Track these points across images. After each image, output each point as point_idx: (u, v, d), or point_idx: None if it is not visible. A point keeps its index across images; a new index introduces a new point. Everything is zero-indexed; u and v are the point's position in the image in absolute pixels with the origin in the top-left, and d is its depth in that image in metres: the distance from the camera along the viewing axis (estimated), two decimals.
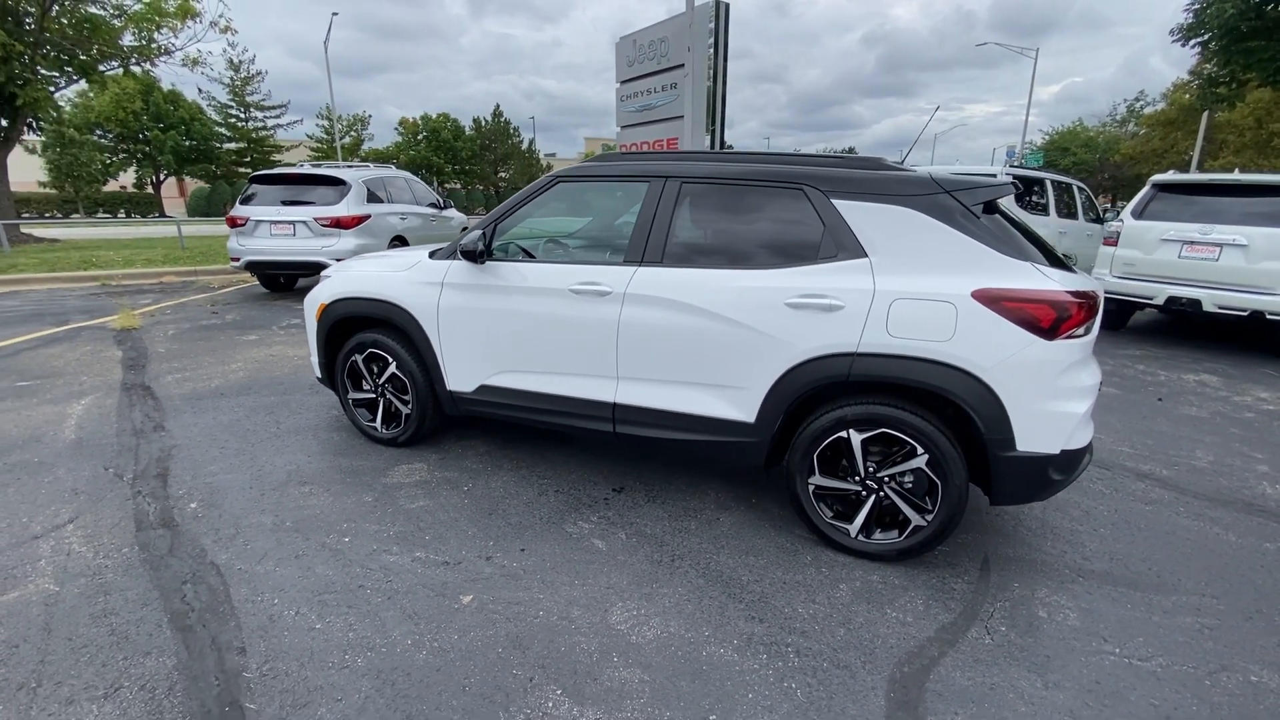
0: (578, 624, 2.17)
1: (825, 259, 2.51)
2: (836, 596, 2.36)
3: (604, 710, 1.80)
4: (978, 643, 2.12)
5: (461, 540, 2.67)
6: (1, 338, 6.06)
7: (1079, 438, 2.34)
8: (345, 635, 2.09)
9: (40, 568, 2.42)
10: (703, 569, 2.51)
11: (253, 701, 1.82)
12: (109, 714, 1.76)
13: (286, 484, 3.14)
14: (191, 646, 2.03)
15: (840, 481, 2.59)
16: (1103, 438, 4.02)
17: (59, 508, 2.87)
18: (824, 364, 2.46)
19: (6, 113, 11.77)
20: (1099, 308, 2.38)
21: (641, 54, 14.05)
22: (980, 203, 2.39)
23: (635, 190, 2.91)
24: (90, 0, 12.54)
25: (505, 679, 1.91)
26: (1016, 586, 2.45)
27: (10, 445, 3.54)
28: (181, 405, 4.25)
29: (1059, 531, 2.88)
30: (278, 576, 2.40)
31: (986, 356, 2.26)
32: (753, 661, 2.01)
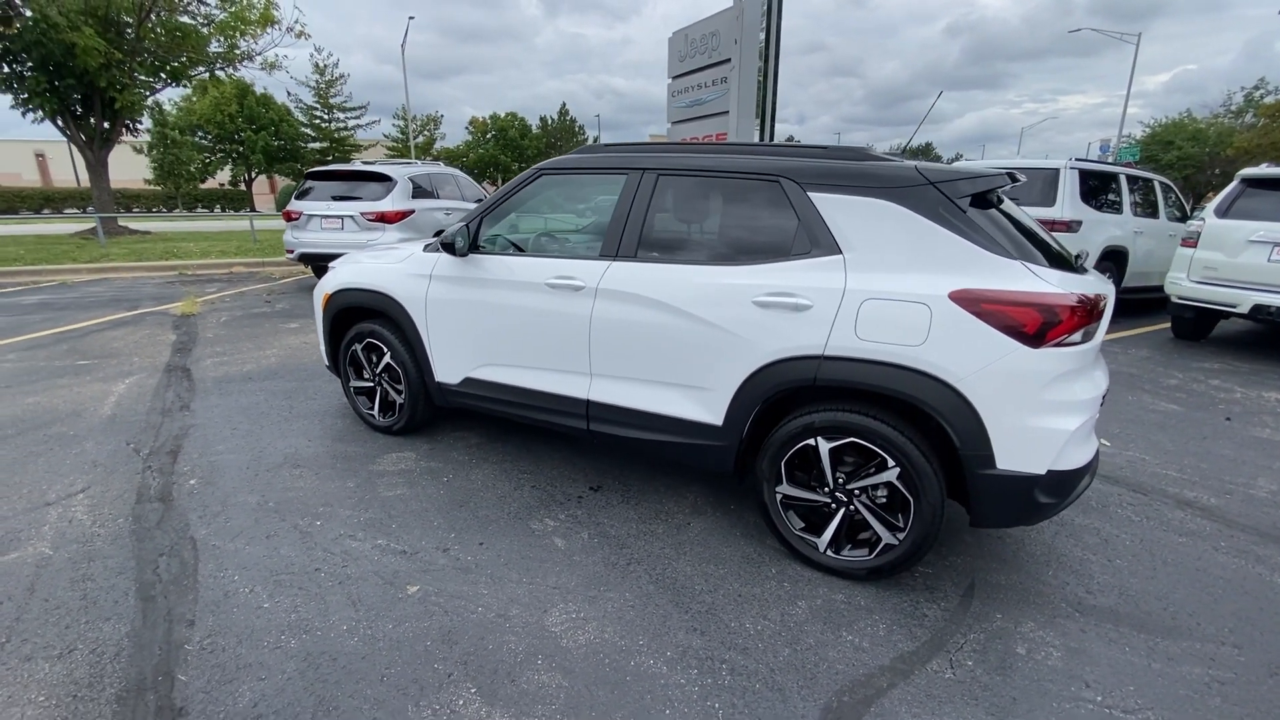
0: (513, 623, 2.13)
1: (798, 255, 2.36)
2: (791, 614, 2.22)
3: (512, 714, 1.76)
4: (937, 676, 1.94)
5: (425, 530, 2.69)
6: (78, 320, 6.65)
7: (1072, 457, 2.10)
8: (288, 616, 2.14)
9: (42, 532, 2.61)
10: (657, 575, 2.42)
11: (185, 673, 1.88)
12: (57, 674, 1.87)
13: (281, 466, 3.27)
14: (148, 616, 2.13)
15: (809, 492, 2.44)
16: (1146, 458, 3.63)
17: (76, 478, 3.10)
18: (790, 366, 2.32)
19: (107, 115, 12.98)
20: (1100, 313, 2.12)
21: (693, 48, 13.85)
22: (967, 195, 2.18)
23: (617, 182, 2.85)
24: (182, 10, 13.61)
25: (425, 673, 1.90)
26: (999, 617, 2.24)
27: (54, 418, 3.86)
28: (211, 387, 4.52)
29: (1066, 559, 2.61)
30: (245, 554, 2.49)
31: (962, 364, 2.06)
32: (681, 676, 1.92)
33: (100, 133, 13.18)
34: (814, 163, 2.40)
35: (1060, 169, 7.02)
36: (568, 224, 3.35)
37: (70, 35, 10.93)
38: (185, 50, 13.49)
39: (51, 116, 12.43)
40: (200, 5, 14.01)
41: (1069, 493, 2.15)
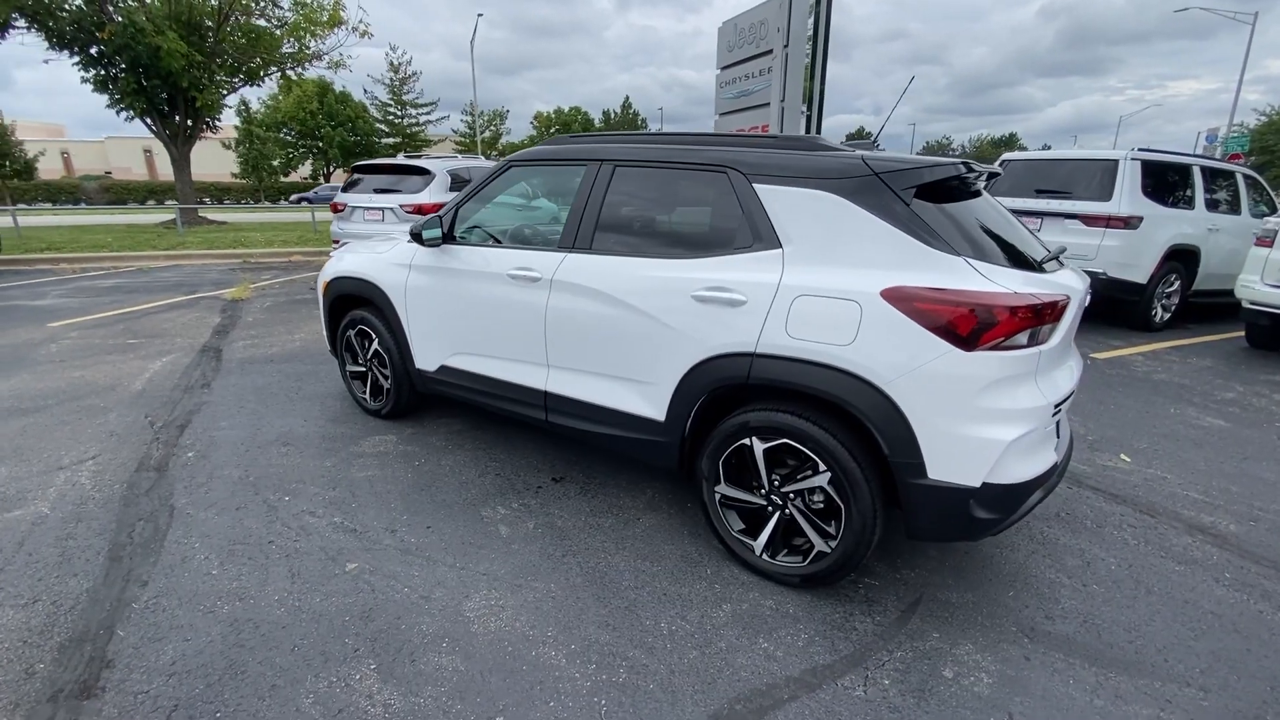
0: (432, 605, 2.18)
1: (740, 249, 2.29)
2: (712, 617, 2.16)
3: (400, 692, 1.80)
4: (845, 693, 1.85)
5: (380, 511, 2.79)
6: (141, 302, 7.24)
7: (1014, 470, 1.94)
8: (230, 584, 2.27)
9: (47, 494, 2.87)
10: (589, 568, 2.42)
11: (124, 629, 2.03)
12: (17, 621, 2.06)
13: (272, 444, 3.46)
14: (110, 575, 2.31)
15: (747, 493, 2.37)
16: (1169, 477, 3.32)
17: (91, 446, 3.39)
18: (725, 363, 2.26)
19: (189, 114, 14.04)
20: (1053, 316, 1.94)
21: (741, 38, 13.57)
22: (913, 186, 2.04)
23: (578, 174, 2.84)
24: (258, 14, 14.53)
25: (334, 646, 1.98)
26: (935, 636, 2.10)
27: (90, 391, 4.23)
28: (234, 368, 4.83)
29: (1034, 581, 2.42)
30: (212, 524, 2.66)
31: (890, 365, 1.94)
32: (577, 670, 1.91)
33: (183, 130, 14.30)
34: (761, 154, 2.31)
35: (1119, 160, 6.47)
36: (537, 215, 3.36)
37: (155, 39, 11.90)
38: (259, 52, 14.42)
39: (141, 115, 13.59)
40: (274, 8, 14.91)
41: (1013, 508, 1.99)
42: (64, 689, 1.79)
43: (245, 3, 14.10)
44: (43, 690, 1.78)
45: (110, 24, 11.80)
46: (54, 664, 1.88)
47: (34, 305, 6.95)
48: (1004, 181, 7.48)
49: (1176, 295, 6.94)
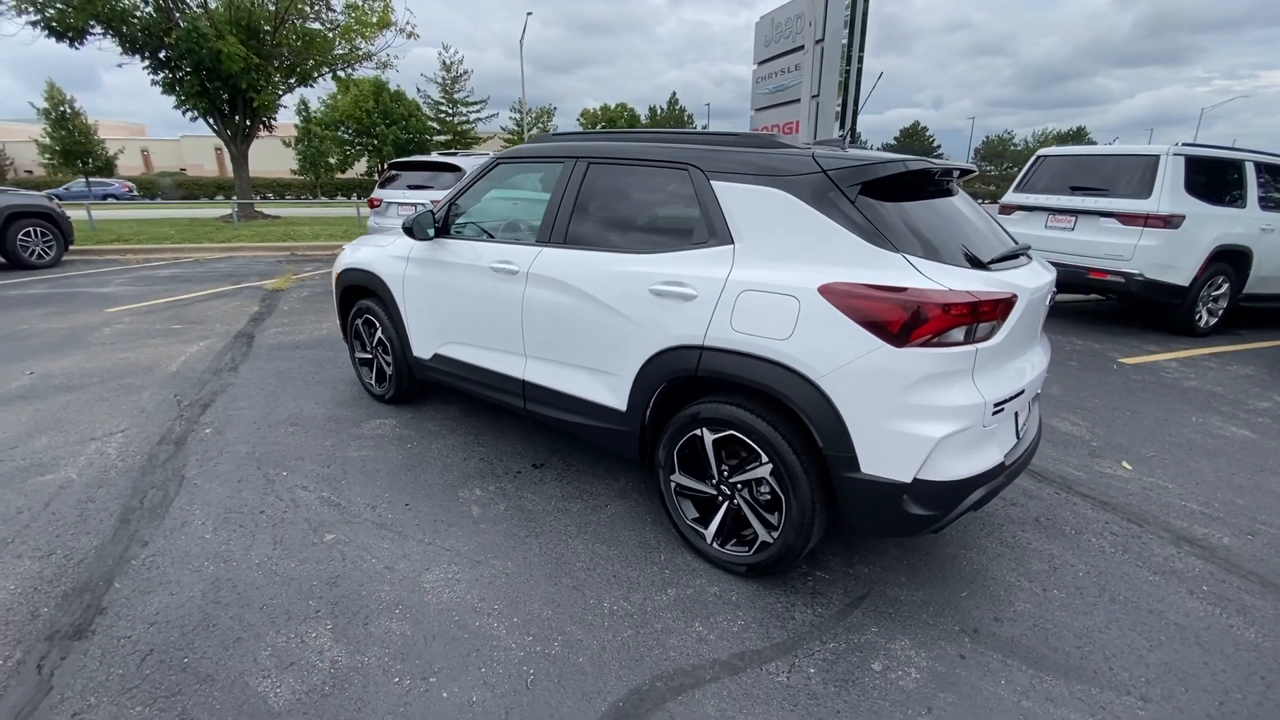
0: (394, 575, 2.33)
1: (697, 244, 2.34)
2: (655, 599, 2.24)
3: (347, 651, 1.95)
4: (768, 678, 1.90)
5: (366, 488, 2.96)
6: (191, 291, 7.76)
7: (949, 468, 1.93)
8: (220, 547, 2.48)
9: (77, 461, 3.17)
10: (547, 550, 2.52)
11: (120, 582, 2.26)
12: (32, 570, 2.31)
13: (281, 423, 3.71)
14: (117, 535, 2.55)
15: (699, 483, 2.42)
16: (1170, 487, 3.19)
17: (123, 420, 3.70)
18: (677, 355, 2.32)
19: (247, 114, 14.87)
20: (990, 314, 1.93)
21: (778, 32, 13.40)
22: (858, 184, 2.05)
23: (557, 170, 2.94)
24: (313, 18, 15.23)
25: (297, 607, 2.15)
26: (873, 630, 2.12)
27: (131, 371, 4.60)
28: (264, 353, 5.15)
29: (992, 583, 2.40)
30: (214, 493, 2.89)
31: (824, 360, 1.96)
32: (514, 641, 2.02)
33: (242, 129, 15.15)
34: (719, 151, 2.36)
35: (1160, 156, 6.14)
36: (522, 211, 3.48)
37: (217, 43, 12.65)
38: (312, 54, 15.12)
39: (204, 115, 14.47)
40: (328, 12, 15.59)
41: (950, 506, 1.98)
42: (60, 630, 2.01)
43: (300, 6, 14.80)
44: (43, 630, 2.01)
45: (176, 29, 12.61)
46: (56, 608, 2.11)
47: (97, 292, 7.55)
48: (1040, 178, 7.21)
49: (1225, 299, 6.55)
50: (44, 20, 11.83)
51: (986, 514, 2.90)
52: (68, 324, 5.95)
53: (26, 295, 7.28)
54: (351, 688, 1.82)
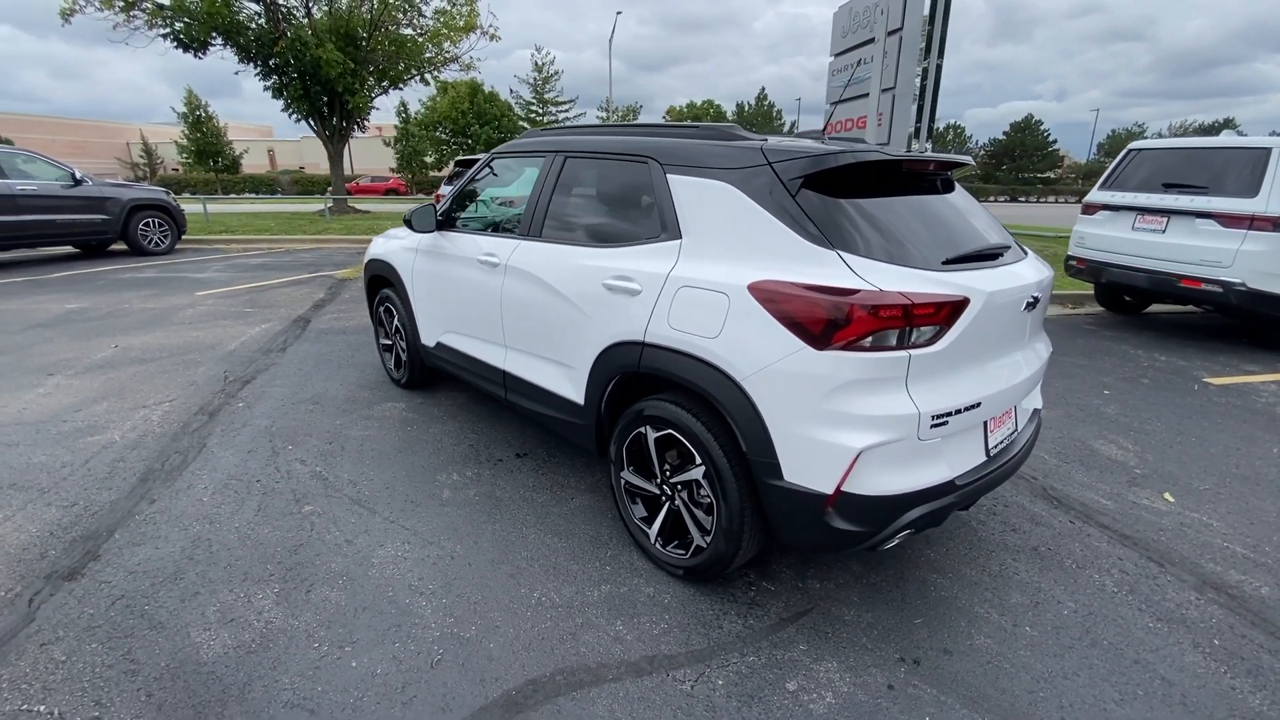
0: (350, 548, 2.46)
1: (650, 239, 2.31)
2: (587, 595, 2.23)
3: (283, 614, 2.08)
4: (671, 685, 1.85)
5: (355, 465, 3.14)
6: (272, 278, 8.48)
7: (878, 481, 1.79)
8: (210, 510, 2.71)
9: (124, 426, 3.56)
10: (500, 537, 2.57)
11: (120, 534, 2.52)
12: (54, 517, 2.62)
13: (304, 401, 3.99)
14: (133, 492, 2.85)
15: (646, 481, 2.39)
16: (1215, 524, 2.81)
17: (174, 392, 4.12)
18: (623, 351, 2.30)
19: (342, 115, 16.05)
20: (929, 318, 1.76)
21: (855, 22, 12.82)
22: (800, 177, 1.94)
23: (539, 164, 2.98)
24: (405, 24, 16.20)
25: (256, 570, 2.31)
26: (802, 649, 2.01)
27: (195, 348, 5.10)
28: (314, 337, 5.55)
29: (956, 612, 2.21)
30: (224, 461, 3.16)
31: (748, 360, 1.88)
32: (435, 620, 2.08)
33: (338, 129, 16.37)
34: (677, 143, 2.31)
35: (1272, 150, 5.37)
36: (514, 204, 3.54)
37: (317, 51, 13.73)
38: (403, 58, 16.08)
39: (305, 117, 15.77)
40: (420, 18, 16.51)
41: (882, 523, 1.84)
42: (58, 571, 2.28)
43: (394, 14, 15.78)
44: (45, 569, 2.28)
45: (283, 39, 13.80)
46: (62, 552, 2.39)
47: (194, 277, 8.41)
48: (1133, 174, 6.50)
49: None
50: (173, 34, 13.35)
51: (977, 537, 2.67)
52: (160, 305, 6.67)
53: (137, 278, 8.24)
54: (275, 648, 1.94)
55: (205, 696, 1.76)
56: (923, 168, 2.19)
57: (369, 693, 1.79)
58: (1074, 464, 3.40)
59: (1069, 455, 3.50)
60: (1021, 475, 3.25)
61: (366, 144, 49.40)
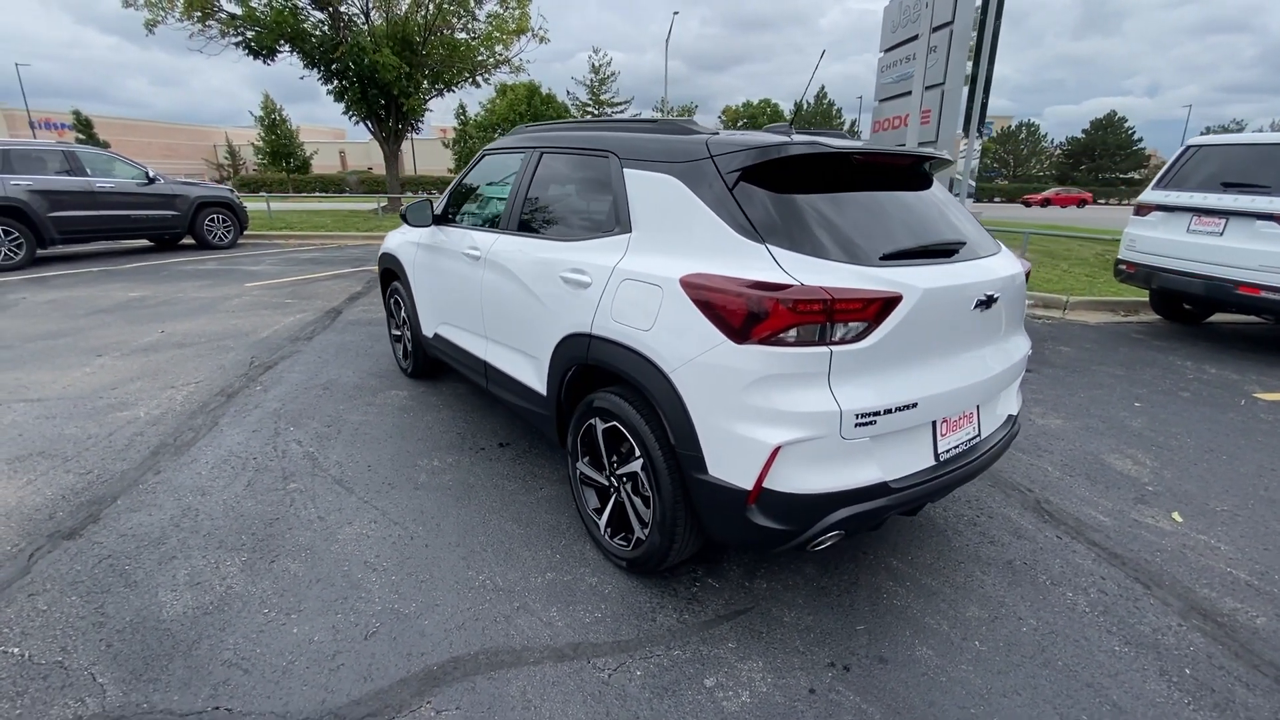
0: (321, 524, 2.59)
1: (605, 232, 2.33)
2: (530, 581, 2.27)
3: (244, 580, 2.22)
4: (589, 673, 1.87)
5: (346, 448, 3.29)
6: (318, 271, 8.93)
7: (797, 480, 1.76)
8: (206, 482, 2.90)
9: (150, 404, 3.85)
10: (462, 522, 2.65)
11: (123, 500, 2.74)
12: (69, 483, 2.87)
13: (315, 386, 4.21)
14: (143, 464, 3.08)
15: (597, 472, 2.41)
16: (1222, 548, 2.61)
17: (202, 374, 4.42)
18: (575, 342, 2.33)
19: (398, 118, 16.72)
20: (852, 314, 1.71)
21: (905, 16, 12.37)
22: (737, 170, 1.92)
23: (520, 159, 3.04)
24: (459, 28, 16.74)
25: (231, 539, 2.47)
26: (730, 647, 1.99)
27: (231, 335, 5.44)
28: (340, 327, 5.84)
29: (903, 622, 2.13)
30: (229, 439, 3.37)
31: (676, 353, 1.88)
32: (379, 594, 2.17)
33: (394, 131, 17.07)
34: (634, 137, 2.32)
35: None
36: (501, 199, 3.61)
37: (374, 56, 14.37)
38: (455, 61, 16.61)
39: (363, 119, 16.51)
40: (473, 22, 17.01)
41: (806, 522, 1.80)
42: (60, 530, 2.50)
43: (448, 18, 16.31)
44: (49, 528, 2.51)
45: (343, 45, 14.52)
46: (68, 514, 2.62)
47: (248, 269, 8.96)
48: (1192, 173, 6.05)
49: None
50: (244, 42, 14.26)
51: (949, 547, 2.57)
52: (211, 294, 7.15)
53: (197, 269, 8.85)
54: (229, 611, 2.07)
55: (157, 650, 1.90)
56: (876, 161, 2.12)
57: (301, 658, 1.89)
58: (1078, 477, 3.20)
59: (1075, 468, 3.30)
60: (1015, 486, 3.10)
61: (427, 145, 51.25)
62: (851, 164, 2.09)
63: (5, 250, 8.30)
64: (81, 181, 9.02)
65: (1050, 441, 3.64)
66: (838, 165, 2.05)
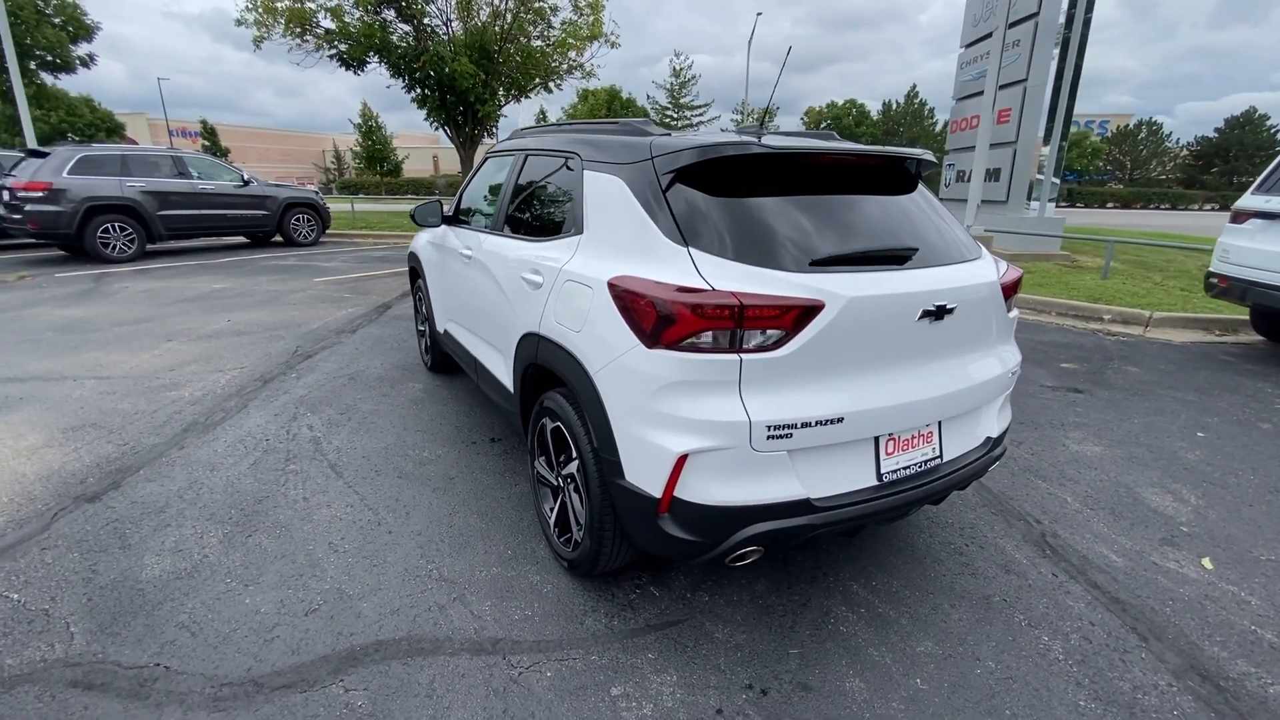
0: (302, 504, 2.75)
1: (565, 233, 2.35)
2: (474, 575, 2.32)
3: (219, 551, 2.40)
4: (499, 669, 1.89)
5: (351, 436, 3.48)
6: (382, 268, 9.48)
7: (706, 490, 1.69)
8: (218, 459, 3.16)
9: (194, 385, 4.23)
10: (432, 511, 2.74)
11: (145, 471, 3.03)
12: (107, 453, 3.21)
13: (343, 375, 4.48)
14: (174, 439, 3.40)
15: (549, 472, 2.43)
16: (1253, 601, 2.29)
17: (249, 360, 4.80)
18: (528, 342, 2.37)
19: (473, 123, 17.50)
20: (765, 321, 1.63)
21: (989, 9, 11.60)
22: (671, 171, 1.88)
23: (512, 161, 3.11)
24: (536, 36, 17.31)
25: (223, 512, 2.67)
26: (651, 658, 1.95)
27: (286, 326, 5.88)
28: (384, 321, 6.18)
29: (848, 651, 2.01)
30: (250, 421, 3.65)
31: (599, 355, 1.86)
32: (330, 575, 2.28)
33: (471, 135, 17.89)
34: (595, 139, 2.33)
35: None
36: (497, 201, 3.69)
37: (452, 65, 15.13)
38: (530, 67, 17.20)
39: (442, 125, 17.42)
40: (549, 30, 17.56)
41: (718, 535, 1.73)
42: (85, 494, 2.80)
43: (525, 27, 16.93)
44: (77, 492, 2.82)
45: (424, 55, 15.39)
46: (96, 480, 2.93)
47: (320, 265, 9.66)
48: None
49: None
50: (338, 54, 15.42)
51: (923, 575, 2.39)
52: (281, 288, 7.76)
53: (278, 265, 9.62)
54: (197, 578, 2.25)
55: (126, 607, 2.09)
56: (829, 162, 2.02)
57: (244, 626, 2.02)
58: (1099, 511, 2.90)
59: (1099, 501, 2.99)
60: (1021, 515, 2.84)
61: None
62: (804, 166, 2.00)
63: (120, 244, 9.37)
64: (186, 183, 10.03)
65: (1079, 470, 3.31)
66: (788, 167, 1.97)
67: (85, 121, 35.86)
